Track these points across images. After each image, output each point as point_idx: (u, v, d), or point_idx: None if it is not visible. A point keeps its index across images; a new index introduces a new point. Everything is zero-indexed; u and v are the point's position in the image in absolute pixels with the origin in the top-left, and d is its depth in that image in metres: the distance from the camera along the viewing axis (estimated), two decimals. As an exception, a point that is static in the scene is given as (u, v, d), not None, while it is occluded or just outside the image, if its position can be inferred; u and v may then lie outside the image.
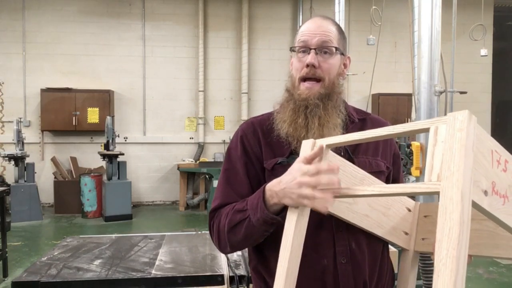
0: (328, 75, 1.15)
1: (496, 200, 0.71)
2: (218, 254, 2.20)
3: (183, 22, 8.38)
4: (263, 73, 8.58)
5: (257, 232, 1.04)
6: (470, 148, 0.66)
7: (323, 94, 1.14)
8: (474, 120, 0.67)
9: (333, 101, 1.15)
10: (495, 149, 0.72)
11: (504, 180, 0.73)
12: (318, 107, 1.12)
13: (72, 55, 8.05)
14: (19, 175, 6.88)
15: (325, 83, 1.14)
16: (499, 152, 0.73)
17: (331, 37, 1.16)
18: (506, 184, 0.73)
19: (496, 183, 0.72)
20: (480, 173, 0.69)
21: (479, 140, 0.69)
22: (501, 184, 0.72)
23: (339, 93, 1.18)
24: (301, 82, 1.16)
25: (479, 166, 0.69)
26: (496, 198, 0.71)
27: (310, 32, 1.16)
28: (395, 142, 1.34)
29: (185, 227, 6.47)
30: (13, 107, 7.91)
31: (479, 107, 9.16)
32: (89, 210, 7.02)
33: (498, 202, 0.72)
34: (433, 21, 2.75)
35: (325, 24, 1.17)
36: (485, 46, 7.30)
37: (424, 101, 2.77)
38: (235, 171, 1.19)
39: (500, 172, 0.72)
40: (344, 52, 1.21)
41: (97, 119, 7.75)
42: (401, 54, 8.47)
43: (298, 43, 1.18)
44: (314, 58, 1.13)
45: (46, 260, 2.12)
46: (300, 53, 1.17)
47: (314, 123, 1.11)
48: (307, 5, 8.55)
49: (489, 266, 4.66)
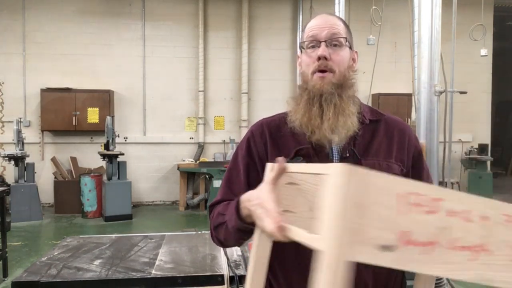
0: (338, 67, 1.14)
1: (410, 251, 0.62)
2: (218, 254, 2.20)
3: (183, 22, 8.38)
4: (263, 73, 8.58)
5: (233, 237, 1.07)
6: (346, 204, 0.58)
7: (337, 84, 1.13)
8: (354, 172, 0.59)
9: (346, 91, 1.14)
10: (413, 191, 0.62)
11: (431, 224, 0.63)
12: (333, 95, 1.12)
13: (72, 55, 8.05)
14: (19, 175, 6.88)
15: (336, 75, 1.14)
16: (421, 193, 0.62)
17: (340, 30, 1.16)
18: (433, 227, 0.63)
19: (413, 231, 0.62)
20: (377, 227, 0.60)
21: (370, 189, 0.60)
22: (424, 229, 0.62)
23: (351, 85, 1.17)
24: (313, 75, 1.16)
25: (374, 220, 0.60)
26: (409, 249, 0.62)
27: (318, 26, 1.16)
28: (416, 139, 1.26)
29: (185, 227, 6.47)
30: (13, 107, 7.91)
31: (479, 107, 9.17)
32: (89, 210, 7.02)
33: (413, 252, 0.62)
34: (433, 21, 2.75)
35: (332, 19, 1.19)
36: (485, 46, 7.31)
37: (424, 101, 2.77)
38: (237, 171, 1.21)
39: (420, 216, 0.62)
40: (352, 46, 1.21)
41: (97, 119, 7.75)
42: (401, 54, 8.47)
43: (307, 39, 1.17)
44: (325, 50, 1.13)
45: (46, 260, 2.12)
46: (309, 49, 1.17)
47: (330, 110, 1.11)
48: (307, 5, 8.55)
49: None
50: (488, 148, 8.64)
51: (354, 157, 1.13)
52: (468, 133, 9.10)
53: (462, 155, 8.99)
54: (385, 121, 1.21)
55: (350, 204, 0.58)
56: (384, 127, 1.18)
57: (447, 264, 0.64)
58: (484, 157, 8.20)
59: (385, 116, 1.23)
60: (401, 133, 1.19)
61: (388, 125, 1.19)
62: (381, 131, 1.18)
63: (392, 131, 1.19)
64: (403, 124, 1.23)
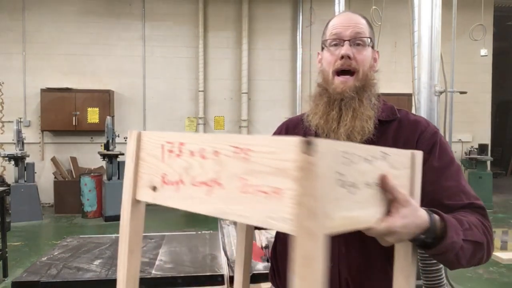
0: (362, 66, 1.14)
1: (168, 189, 0.75)
2: (218, 254, 2.20)
3: (183, 22, 8.38)
4: (263, 73, 8.58)
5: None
6: (131, 159, 0.82)
7: (358, 86, 1.13)
8: (136, 135, 0.81)
9: (367, 93, 1.14)
10: (167, 141, 0.75)
11: (178, 166, 0.73)
12: (353, 99, 1.12)
13: (72, 55, 8.05)
14: (19, 175, 6.88)
15: (359, 76, 1.14)
16: (172, 141, 0.75)
17: (364, 29, 1.16)
18: (180, 168, 0.73)
19: (167, 174, 0.75)
20: (148, 173, 0.79)
21: (144, 145, 0.80)
22: (174, 172, 0.74)
23: (372, 86, 1.17)
24: (335, 76, 1.15)
25: (144, 169, 0.80)
26: (168, 188, 0.75)
27: (342, 24, 1.15)
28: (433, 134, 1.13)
29: (185, 227, 6.47)
30: (13, 107, 7.91)
31: (479, 107, 9.17)
32: (89, 210, 7.02)
33: (171, 191, 0.74)
34: (433, 21, 2.75)
35: (356, 17, 1.18)
36: (485, 46, 7.30)
37: (424, 101, 2.77)
38: None
39: (172, 161, 0.74)
40: (374, 46, 1.20)
41: (97, 119, 7.75)
42: (401, 54, 8.47)
43: (329, 36, 1.16)
44: (349, 49, 1.12)
45: (46, 260, 2.12)
46: (332, 47, 1.16)
47: (348, 115, 1.11)
48: (307, 5, 8.55)
49: (489, 266, 4.66)
50: (488, 148, 8.64)
51: None
52: (468, 133, 9.10)
53: (462, 155, 8.98)
54: (399, 121, 1.17)
55: (135, 159, 0.81)
56: (396, 128, 1.15)
57: (190, 199, 0.71)
58: (484, 157, 8.20)
59: (400, 116, 1.18)
60: (411, 133, 1.14)
61: (400, 125, 1.16)
62: (391, 132, 1.15)
63: (402, 131, 1.15)
64: (417, 123, 1.16)
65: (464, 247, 0.93)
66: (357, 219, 0.67)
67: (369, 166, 0.69)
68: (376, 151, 0.73)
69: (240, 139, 0.64)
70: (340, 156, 0.61)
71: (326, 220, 0.56)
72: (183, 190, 0.72)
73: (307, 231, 0.54)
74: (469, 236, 0.94)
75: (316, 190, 0.54)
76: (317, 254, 0.54)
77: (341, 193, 0.62)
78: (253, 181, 0.61)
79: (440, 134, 1.15)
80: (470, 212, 1.03)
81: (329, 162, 0.57)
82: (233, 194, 0.63)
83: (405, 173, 0.82)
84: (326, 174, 0.57)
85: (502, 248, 5.44)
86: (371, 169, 0.70)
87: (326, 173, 0.57)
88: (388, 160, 0.75)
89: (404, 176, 0.81)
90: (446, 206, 1.03)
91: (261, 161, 0.60)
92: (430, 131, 1.13)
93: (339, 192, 0.61)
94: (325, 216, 0.56)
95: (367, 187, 0.70)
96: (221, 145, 0.66)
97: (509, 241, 5.75)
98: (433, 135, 1.12)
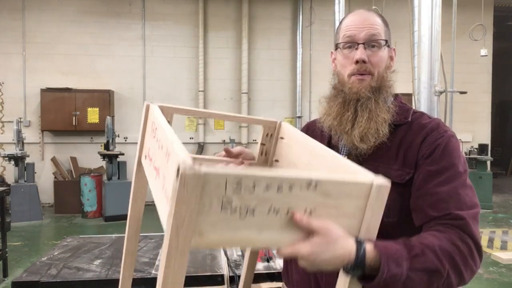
0: (377, 68, 1.10)
1: (147, 162, 0.93)
2: (218, 254, 2.20)
3: (183, 22, 8.38)
4: (263, 73, 8.58)
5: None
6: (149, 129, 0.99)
7: (375, 87, 1.09)
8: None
9: (383, 95, 1.10)
10: (153, 121, 0.94)
11: (153, 145, 0.90)
12: (370, 100, 1.07)
13: (72, 55, 8.05)
14: (19, 175, 6.88)
15: (374, 77, 1.09)
16: (155, 123, 0.91)
17: (379, 29, 1.10)
18: (153, 148, 0.89)
19: (150, 148, 0.93)
20: (146, 145, 1.00)
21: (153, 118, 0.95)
22: (151, 149, 0.90)
23: (389, 87, 1.13)
24: (351, 76, 1.11)
25: (146, 139, 1.01)
26: (148, 161, 0.93)
27: (356, 26, 1.09)
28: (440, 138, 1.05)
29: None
30: (13, 107, 7.90)
31: (479, 107, 9.17)
32: (89, 210, 7.02)
33: (148, 164, 0.93)
34: (433, 21, 2.75)
35: (371, 17, 1.11)
36: (485, 46, 7.29)
37: (424, 101, 2.77)
38: None
39: (153, 139, 0.92)
40: (390, 44, 1.15)
41: (97, 119, 7.75)
42: (401, 54, 8.37)
43: (343, 39, 1.11)
44: (364, 53, 1.07)
45: (46, 260, 2.11)
46: (346, 49, 1.11)
47: (364, 116, 1.07)
48: (307, 5, 8.55)
49: (489, 266, 4.66)
50: (488, 148, 8.63)
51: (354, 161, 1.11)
52: (468, 133, 9.10)
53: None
54: (409, 125, 1.10)
55: (143, 127, 1.06)
56: (404, 132, 1.08)
57: (149, 176, 0.93)
58: (484, 157, 8.19)
59: (412, 119, 1.11)
60: (417, 137, 1.06)
61: (409, 129, 1.09)
62: (399, 136, 1.08)
63: (409, 135, 1.08)
64: (424, 127, 1.08)
65: (412, 278, 0.83)
66: (247, 239, 0.70)
67: (278, 194, 0.70)
68: (300, 180, 0.71)
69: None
70: (229, 183, 0.66)
71: (195, 236, 0.65)
72: (150, 166, 0.90)
73: (175, 244, 0.64)
74: (418, 263, 0.84)
75: (182, 211, 0.62)
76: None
77: (222, 216, 0.67)
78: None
79: (452, 139, 1.05)
80: (443, 227, 0.93)
81: (200, 188, 0.63)
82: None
83: (349, 203, 0.77)
84: (192, 199, 0.63)
85: (502, 248, 5.45)
86: (279, 197, 0.70)
87: (192, 198, 0.63)
88: (320, 188, 0.73)
89: (346, 205, 0.77)
90: (425, 214, 0.97)
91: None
92: (435, 135, 1.04)
93: (219, 215, 0.66)
94: (194, 232, 0.65)
95: (272, 213, 0.71)
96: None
97: (509, 241, 5.75)
98: (438, 138, 1.04)
